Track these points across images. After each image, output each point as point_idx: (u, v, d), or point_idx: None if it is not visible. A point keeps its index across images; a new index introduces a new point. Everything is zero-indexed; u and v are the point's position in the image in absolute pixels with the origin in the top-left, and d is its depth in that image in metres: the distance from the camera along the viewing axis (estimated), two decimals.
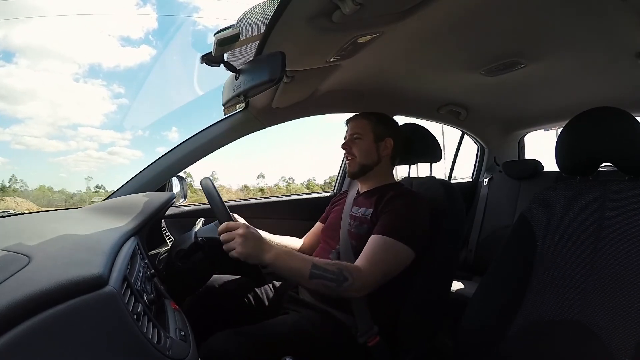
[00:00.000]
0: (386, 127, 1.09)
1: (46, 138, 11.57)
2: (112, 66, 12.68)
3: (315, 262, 0.81)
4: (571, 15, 0.85)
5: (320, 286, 0.80)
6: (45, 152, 12.88)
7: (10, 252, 0.47)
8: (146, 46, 13.42)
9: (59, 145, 11.39)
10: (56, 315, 0.35)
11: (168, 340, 0.50)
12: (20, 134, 11.67)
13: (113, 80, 11.97)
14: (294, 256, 0.82)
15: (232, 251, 0.76)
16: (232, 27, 0.77)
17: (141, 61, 12.81)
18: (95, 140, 12.09)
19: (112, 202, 1.01)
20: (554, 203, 0.80)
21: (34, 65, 11.42)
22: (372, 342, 0.87)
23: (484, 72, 1.21)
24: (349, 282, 0.80)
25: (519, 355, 0.77)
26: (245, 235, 0.76)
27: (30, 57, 11.24)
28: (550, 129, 2.10)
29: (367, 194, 1.07)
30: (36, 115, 12.10)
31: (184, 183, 1.24)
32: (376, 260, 0.86)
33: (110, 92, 12.69)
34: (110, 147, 12.96)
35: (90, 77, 11.38)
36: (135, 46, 15.04)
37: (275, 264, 0.78)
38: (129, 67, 12.52)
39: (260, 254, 0.77)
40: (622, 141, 0.74)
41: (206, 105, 5.30)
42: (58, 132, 11.61)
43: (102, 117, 12.63)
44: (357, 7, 0.65)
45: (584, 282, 0.73)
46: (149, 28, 11.44)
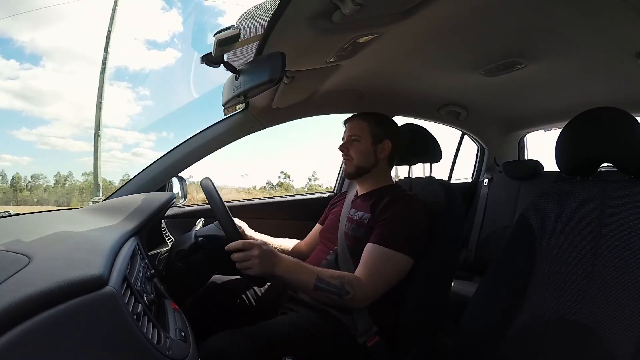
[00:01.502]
0: (385, 129, 1.08)
1: (71, 139, 11.63)
2: (138, 69, 12.69)
3: (319, 275, 0.84)
4: (571, 15, 0.85)
5: (323, 297, 0.84)
6: (70, 152, 12.93)
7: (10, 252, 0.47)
8: (171, 49, 13.51)
9: (83, 145, 11.45)
10: (56, 315, 0.35)
11: (168, 341, 0.50)
12: (46, 134, 11.74)
13: (139, 83, 12.03)
14: (301, 268, 0.85)
15: (248, 270, 0.79)
16: (232, 28, 0.77)
17: (167, 64, 12.86)
18: (119, 141, 12.14)
19: (112, 203, 1.01)
20: (554, 203, 0.80)
21: (60, 67, 11.47)
22: (371, 342, 0.87)
23: (484, 73, 1.21)
24: (350, 295, 0.83)
25: (519, 355, 0.77)
26: (260, 257, 0.79)
27: (56, 59, 11.30)
28: (550, 129, 2.10)
29: (364, 197, 1.07)
30: (62, 116, 12.18)
31: (184, 183, 1.24)
32: (375, 272, 0.88)
33: (135, 94, 12.71)
34: (135, 148, 13.00)
35: (116, 79, 11.43)
36: (161, 49, 15.13)
37: (284, 277, 0.83)
38: (154, 70, 12.56)
39: (273, 269, 0.81)
40: (622, 141, 0.74)
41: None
42: (83, 132, 11.69)
43: (126, 119, 12.65)
44: (357, 8, 0.65)
45: (584, 282, 0.73)
46: (174, 32, 11.52)
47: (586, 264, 0.73)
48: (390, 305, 0.93)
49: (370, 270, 0.88)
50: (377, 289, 0.87)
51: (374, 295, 0.87)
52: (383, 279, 0.88)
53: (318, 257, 1.05)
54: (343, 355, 0.88)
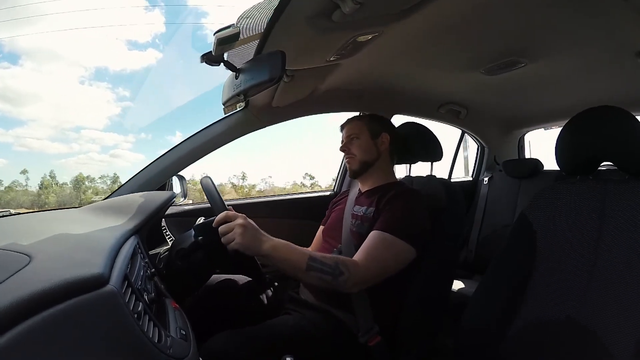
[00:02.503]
0: (380, 123, 1.11)
1: (49, 140, 11.58)
2: (119, 69, 12.65)
3: (312, 255, 0.80)
4: (571, 14, 0.85)
5: (316, 279, 0.80)
6: (47, 154, 12.87)
7: (10, 252, 0.47)
8: (153, 50, 13.44)
9: (61, 147, 11.41)
10: (57, 314, 0.35)
11: (169, 339, 0.50)
12: (23, 135, 11.67)
13: (119, 83, 11.96)
14: (291, 248, 0.81)
15: (232, 243, 0.75)
16: (232, 27, 0.77)
17: (148, 64, 12.82)
18: (97, 143, 12.11)
19: (112, 202, 1.01)
20: (555, 202, 0.80)
21: (40, 67, 11.39)
22: (372, 342, 0.87)
23: (484, 71, 1.21)
24: (345, 276, 0.79)
25: (519, 355, 0.77)
26: (244, 226, 0.75)
27: (36, 59, 11.23)
28: (550, 128, 2.10)
29: (368, 193, 1.07)
30: (40, 117, 12.13)
31: (184, 182, 1.24)
32: (374, 256, 0.86)
33: (115, 95, 12.71)
34: (113, 150, 12.96)
35: (96, 79, 11.39)
36: (142, 49, 15.07)
37: (272, 255, 0.77)
38: (135, 70, 12.51)
39: (259, 245, 0.76)
40: (622, 140, 0.74)
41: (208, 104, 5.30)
42: (61, 134, 11.63)
43: (106, 120, 12.65)
44: (357, 7, 0.65)
45: (584, 281, 0.73)
46: (156, 32, 11.45)
47: (586, 263, 0.73)
48: (393, 304, 0.93)
49: (369, 255, 0.86)
50: (373, 273, 0.84)
51: (370, 280, 0.84)
52: (381, 265, 0.86)
53: None
54: (344, 355, 0.88)
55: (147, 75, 12.98)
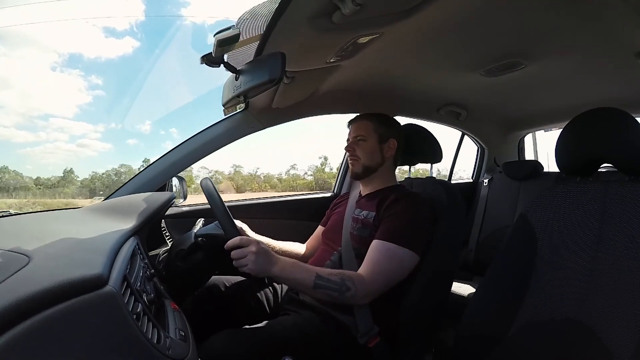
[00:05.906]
0: (389, 127, 1.09)
1: (15, 128, 11.31)
2: (93, 57, 12.39)
3: (318, 273, 0.82)
4: (571, 15, 0.85)
5: (323, 295, 0.82)
6: (13, 142, 12.57)
7: (10, 252, 0.47)
8: (130, 38, 13.17)
9: (27, 136, 11.13)
10: (56, 314, 0.35)
11: (168, 340, 0.50)
12: None
13: (91, 72, 11.73)
14: (298, 267, 0.84)
15: (244, 267, 0.78)
16: (232, 28, 0.77)
17: (123, 53, 12.54)
18: (66, 132, 11.82)
19: (111, 202, 1.01)
20: (555, 203, 0.80)
21: (11, 52, 11.02)
22: (372, 342, 0.87)
23: (484, 73, 1.21)
24: (351, 291, 0.82)
25: (518, 355, 0.77)
26: (257, 253, 0.78)
27: (7, 43, 10.78)
28: (550, 130, 2.10)
29: (369, 197, 1.07)
30: (7, 104, 11.77)
31: (184, 183, 1.24)
32: (379, 268, 0.87)
33: (87, 83, 12.50)
34: (80, 139, 12.65)
35: (68, 67, 11.10)
36: (119, 37, 14.82)
37: (281, 276, 0.80)
38: (110, 59, 12.29)
39: (270, 268, 0.79)
40: (622, 142, 0.74)
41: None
42: (28, 122, 11.35)
43: (75, 109, 12.41)
44: (357, 8, 0.65)
45: (584, 282, 0.73)
46: (135, 20, 11.16)
47: (586, 264, 0.73)
48: (393, 305, 0.93)
49: (373, 267, 0.87)
50: (379, 286, 0.86)
51: (376, 292, 0.86)
52: (386, 276, 0.87)
53: (321, 258, 1.05)
54: (343, 356, 0.88)
55: (122, 65, 12.73)
